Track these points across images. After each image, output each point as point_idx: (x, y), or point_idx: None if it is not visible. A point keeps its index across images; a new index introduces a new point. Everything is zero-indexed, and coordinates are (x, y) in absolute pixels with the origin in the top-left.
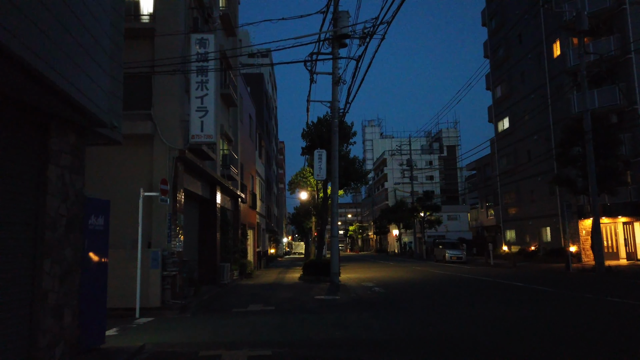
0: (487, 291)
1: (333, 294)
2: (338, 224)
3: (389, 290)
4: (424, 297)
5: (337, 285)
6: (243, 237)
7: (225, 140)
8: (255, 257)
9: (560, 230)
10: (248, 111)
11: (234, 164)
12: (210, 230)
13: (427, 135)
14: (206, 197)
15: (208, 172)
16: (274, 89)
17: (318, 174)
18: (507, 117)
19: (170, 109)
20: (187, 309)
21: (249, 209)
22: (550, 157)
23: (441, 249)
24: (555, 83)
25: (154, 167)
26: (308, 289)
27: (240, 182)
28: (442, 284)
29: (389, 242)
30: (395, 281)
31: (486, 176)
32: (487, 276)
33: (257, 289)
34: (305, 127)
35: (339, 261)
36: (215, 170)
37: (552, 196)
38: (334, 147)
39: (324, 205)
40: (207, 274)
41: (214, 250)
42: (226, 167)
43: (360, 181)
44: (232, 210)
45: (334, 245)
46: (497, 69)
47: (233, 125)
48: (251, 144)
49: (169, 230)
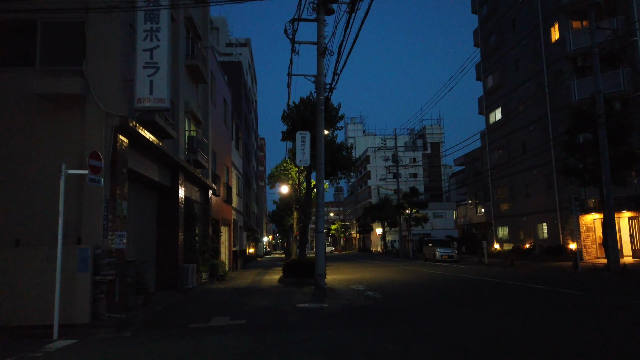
0: (500, 295)
1: (319, 301)
2: (329, 215)
3: (385, 295)
4: (431, 304)
5: (323, 289)
6: (215, 235)
7: (192, 120)
8: (230, 257)
9: (558, 226)
10: (222, 94)
11: (203, 150)
12: (170, 225)
13: (410, 133)
14: (165, 185)
15: (166, 152)
16: (254, 82)
17: (301, 159)
18: (499, 108)
19: (110, 65)
20: (128, 325)
21: (223, 204)
22: (547, 149)
23: (431, 247)
24: (554, 69)
25: (85, 139)
26: (289, 294)
27: (212, 172)
28: (442, 286)
29: (372, 241)
30: (388, 283)
31: (476, 171)
32: (488, 276)
33: (227, 294)
34: (285, 109)
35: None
36: (178, 152)
37: (549, 190)
38: (319, 129)
39: (308, 198)
40: (167, 278)
41: (175, 249)
42: (192, 152)
43: (348, 170)
44: (201, 203)
45: (319, 242)
46: (488, 57)
47: (203, 105)
48: (226, 132)
49: (105, 222)
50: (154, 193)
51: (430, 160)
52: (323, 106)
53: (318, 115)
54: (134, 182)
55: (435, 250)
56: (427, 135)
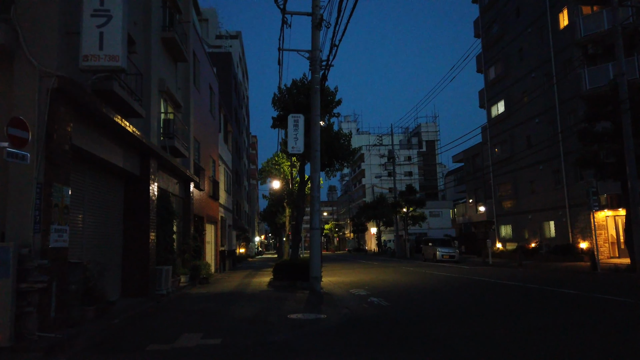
0: (531, 302)
1: (315, 310)
2: (322, 215)
3: (393, 302)
4: (452, 316)
5: (319, 294)
6: (197, 233)
7: (170, 102)
8: (217, 258)
9: (567, 224)
10: (207, 80)
11: (183, 137)
12: (140, 221)
13: (405, 132)
14: (134, 173)
15: (132, 133)
16: (245, 77)
17: (294, 146)
18: (502, 101)
19: (47, 12)
20: (66, 347)
21: (208, 199)
22: (555, 143)
23: (431, 246)
24: (562, 58)
25: (14, 104)
26: (279, 301)
27: (195, 163)
28: (455, 290)
29: (367, 240)
30: (392, 287)
31: (476, 167)
32: (501, 279)
33: (207, 301)
34: (276, 92)
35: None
36: (149, 135)
37: (557, 186)
38: (314, 111)
39: (301, 192)
40: (135, 283)
41: (145, 249)
42: (169, 137)
43: (347, 160)
44: (181, 197)
45: (314, 240)
46: (490, 48)
47: (183, 88)
48: (212, 122)
49: (37, 213)
50: (119, 182)
51: (426, 158)
52: (319, 85)
53: (313, 95)
54: (92, 167)
55: (436, 250)
56: (422, 133)
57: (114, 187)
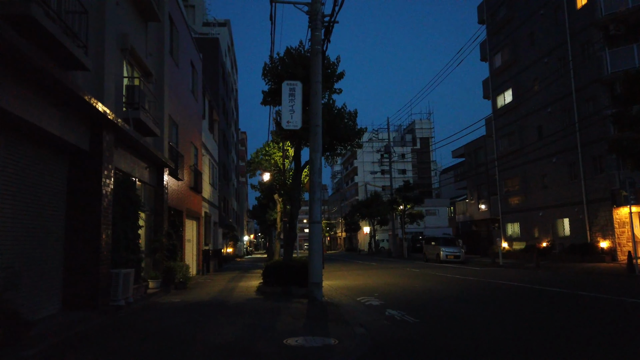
0: (605, 317)
1: (320, 330)
2: (320, 205)
3: (422, 318)
4: (531, 342)
5: (321, 305)
6: (173, 229)
7: (136, 67)
8: (199, 258)
9: (585, 221)
10: (188, 56)
11: (155, 114)
12: (88, 210)
13: (398, 129)
14: (80, 148)
15: (71, 88)
16: (234, 68)
17: (289, 121)
18: (509, 90)
19: None
20: None
21: (189, 191)
22: (571, 133)
23: (434, 246)
24: (580, 40)
25: None
26: (270, 315)
27: (170, 146)
28: (492, 299)
29: (360, 240)
30: (407, 293)
31: (478, 162)
32: (533, 283)
33: (177, 315)
34: (267, 61)
35: (323, 261)
36: (102, 99)
37: (573, 180)
38: (314, 77)
39: (297, 180)
40: (81, 290)
41: (96, 247)
42: (133, 107)
43: (352, 142)
44: (152, 185)
45: (314, 236)
46: (496, 33)
47: (156, 55)
48: (194, 105)
49: None
50: (60, 159)
51: (420, 156)
52: (320, 46)
53: (313, 58)
54: (9, 133)
55: (440, 249)
56: (416, 130)
57: (51, 166)
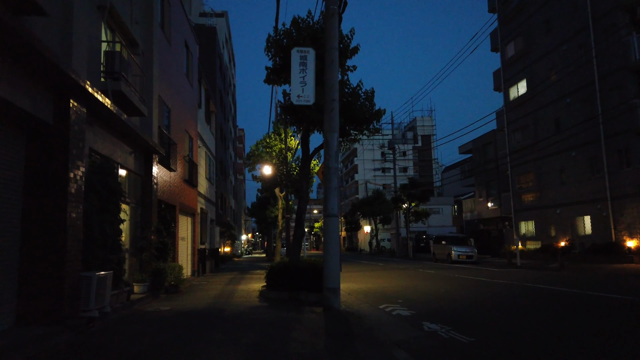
0: None
1: (347, 352)
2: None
3: (476, 335)
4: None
5: (340, 315)
6: (164, 225)
7: (117, 32)
8: (194, 258)
9: (609, 219)
10: (183, 35)
11: (143, 90)
12: (51, 198)
13: (398, 127)
14: (41, 119)
15: (28, 40)
16: (232, 62)
17: (300, 95)
18: (523, 80)
19: None
20: None
21: (183, 184)
22: (594, 125)
23: (444, 245)
24: (603, 25)
25: None
26: (280, 332)
27: (161, 131)
28: (545, 308)
29: (360, 239)
30: (436, 300)
31: (487, 158)
32: (572, 286)
33: (163, 330)
34: (272, 33)
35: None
36: (70, 60)
37: (596, 175)
38: (330, 43)
39: (304, 169)
40: (41, 299)
41: (59, 243)
42: (113, 77)
43: (369, 125)
44: (138, 174)
45: (330, 232)
46: (508, 22)
47: (143, 24)
48: (189, 91)
49: None
50: (14, 135)
51: (421, 154)
52: (337, 5)
53: (329, 20)
54: None
55: (451, 249)
56: (417, 127)
57: (2, 141)
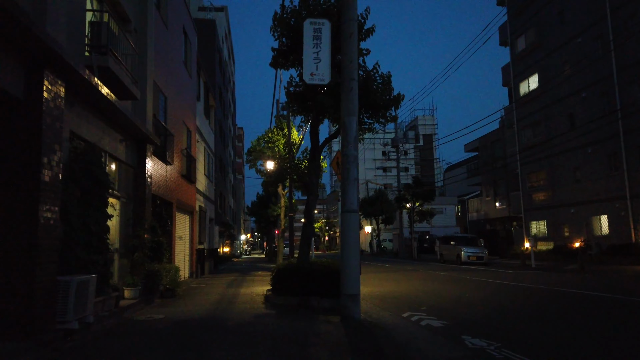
0: None
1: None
2: (357, 188)
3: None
4: None
5: (362, 327)
6: (159, 222)
7: (106, 3)
8: (192, 259)
9: (628, 218)
10: (181, 21)
11: (136, 71)
12: (19, 187)
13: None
14: (10, 93)
15: None
16: (231, 58)
17: (313, 73)
18: (535, 75)
19: None
20: None
21: (180, 180)
22: (612, 121)
23: (453, 246)
24: (622, 15)
25: None
26: (295, 349)
27: (156, 120)
28: (596, 317)
29: (361, 240)
30: (469, 307)
31: (495, 156)
32: (604, 291)
33: (155, 346)
34: (278, 10)
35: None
36: (44, 25)
37: (614, 172)
38: (347, 14)
39: (314, 162)
40: (7, 310)
41: (30, 242)
42: (100, 51)
43: (386, 111)
44: (129, 165)
45: (349, 230)
46: (518, 15)
47: (138, 4)
48: (188, 81)
49: None
50: None
51: (423, 153)
52: None
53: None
54: None
55: (460, 250)
56: (419, 126)
57: None
